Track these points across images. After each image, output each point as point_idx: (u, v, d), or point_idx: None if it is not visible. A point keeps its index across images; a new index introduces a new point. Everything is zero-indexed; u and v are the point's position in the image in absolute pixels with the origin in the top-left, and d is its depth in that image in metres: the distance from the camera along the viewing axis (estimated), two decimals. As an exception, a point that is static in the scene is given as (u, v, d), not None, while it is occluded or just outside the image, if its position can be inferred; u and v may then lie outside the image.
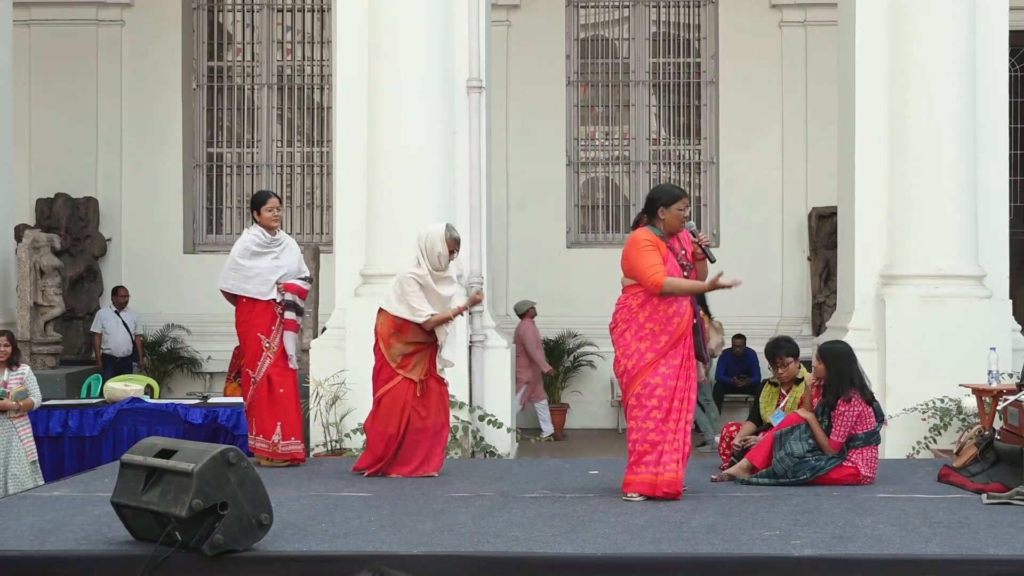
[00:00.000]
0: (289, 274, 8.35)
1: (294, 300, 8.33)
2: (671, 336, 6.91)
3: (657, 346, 6.91)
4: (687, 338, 6.97)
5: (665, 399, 6.89)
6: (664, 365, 6.91)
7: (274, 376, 8.27)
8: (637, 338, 6.93)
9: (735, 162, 15.00)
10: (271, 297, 8.27)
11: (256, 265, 8.27)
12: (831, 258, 13.45)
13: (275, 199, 8.46)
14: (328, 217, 14.38)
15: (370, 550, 5.46)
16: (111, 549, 5.53)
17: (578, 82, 15.39)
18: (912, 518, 6.22)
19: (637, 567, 5.34)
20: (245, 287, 8.28)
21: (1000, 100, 10.34)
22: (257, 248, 8.31)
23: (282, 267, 8.32)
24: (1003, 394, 8.24)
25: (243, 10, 15.55)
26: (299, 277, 8.43)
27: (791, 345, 8.15)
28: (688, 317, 6.97)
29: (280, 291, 8.28)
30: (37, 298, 11.75)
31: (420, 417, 7.91)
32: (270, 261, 8.29)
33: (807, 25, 14.76)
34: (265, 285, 8.26)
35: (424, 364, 7.94)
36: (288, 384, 8.35)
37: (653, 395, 6.91)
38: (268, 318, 8.29)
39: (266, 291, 8.27)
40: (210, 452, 5.36)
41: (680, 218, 7.00)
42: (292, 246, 8.51)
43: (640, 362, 6.91)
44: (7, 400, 8.67)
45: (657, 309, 6.92)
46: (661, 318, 6.92)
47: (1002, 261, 10.33)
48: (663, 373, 6.90)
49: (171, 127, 15.09)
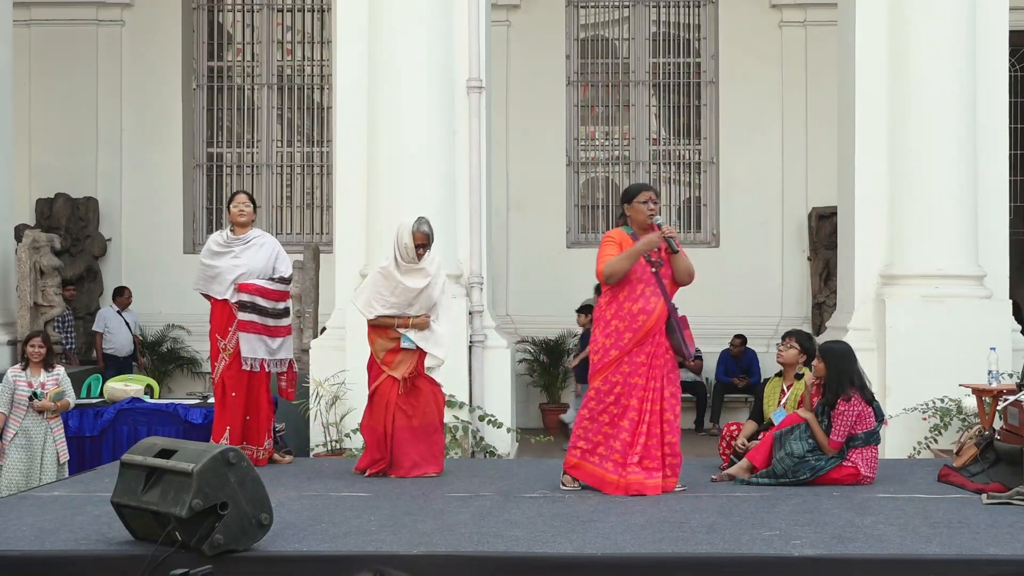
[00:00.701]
0: (250, 273, 8.13)
1: (251, 300, 8.07)
2: (635, 334, 6.97)
3: (621, 343, 6.98)
4: (655, 336, 7.00)
5: (623, 396, 6.99)
6: (627, 363, 6.99)
7: (228, 380, 8.10)
8: (604, 335, 7.05)
9: (735, 162, 15.00)
10: (225, 297, 8.10)
11: (217, 265, 8.15)
12: (831, 258, 13.45)
13: (243, 196, 8.31)
14: (328, 217, 14.38)
15: (370, 550, 5.46)
16: (111, 549, 5.53)
17: (578, 82, 15.39)
18: (912, 518, 6.23)
19: (637, 567, 5.34)
20: (209, 287, 8.20)
21: (1000, 100, 10.33)
22: (217, 247, 8.19)
23: (240, 267, 8.11)
24: (1003, 394, 8.25)
25: (243, 10, 15.54)
26: (271, 277, 8.20)
27: (802, 335, 8.23)
28: (657, 315, 6.98)
29: (237, 291, 8.09)
30: (37, 298, 11.74)
31: (406, 415, 7.88)
32: (229, 260, 8.14)
33: (807, 25, 14.75)
34: (222, 284, 8.11)
35: (409, 363, 7.90)
36: (241, 388, 8.11)
37: (612, 392, 7.02)
38: (224, 319, 8.12)
39: (222, 291, 8.12)
40: (210, 452, 5.36)
41: (643, 211, 7.05)
42: (262, 246, 8.27)
43: (604, 358, 7.02)
44: (46, 401, 8.69)
45: (622, 306, 7.00)
46: (626, 315, 6.98)
47: (1002, 261, 10.33)
48: (625, 371, 6.99)
49: (171, 127, 15.09)
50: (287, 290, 8.35)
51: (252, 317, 8.10)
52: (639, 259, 6.97)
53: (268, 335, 8.17)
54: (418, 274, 7.89)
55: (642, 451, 6.99)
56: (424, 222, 7.90)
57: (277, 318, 8.23)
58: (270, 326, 8.19)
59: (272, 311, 8.19)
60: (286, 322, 8.33)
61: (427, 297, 7.90)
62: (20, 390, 8.69)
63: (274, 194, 15.48)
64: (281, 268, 8.29)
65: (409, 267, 7.87)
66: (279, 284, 8.26)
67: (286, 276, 8.34)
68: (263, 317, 8.14)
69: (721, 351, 14.15)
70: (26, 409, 8.69)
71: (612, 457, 7.02)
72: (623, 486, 6.96)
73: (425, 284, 7.87)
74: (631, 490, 6.93)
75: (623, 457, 6.99)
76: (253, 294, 8.10)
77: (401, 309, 7.89)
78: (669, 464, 7.07)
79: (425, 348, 7.88)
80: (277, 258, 8.29)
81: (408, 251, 7.85)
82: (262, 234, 8.38)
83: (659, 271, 7.03)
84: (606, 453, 7.05)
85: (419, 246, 7.85)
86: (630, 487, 6.94)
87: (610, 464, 7.02)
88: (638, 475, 6.96)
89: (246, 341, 8.10)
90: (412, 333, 7.88)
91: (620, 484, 6.97)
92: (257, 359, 8.13)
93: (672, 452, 7.09)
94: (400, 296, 7.86)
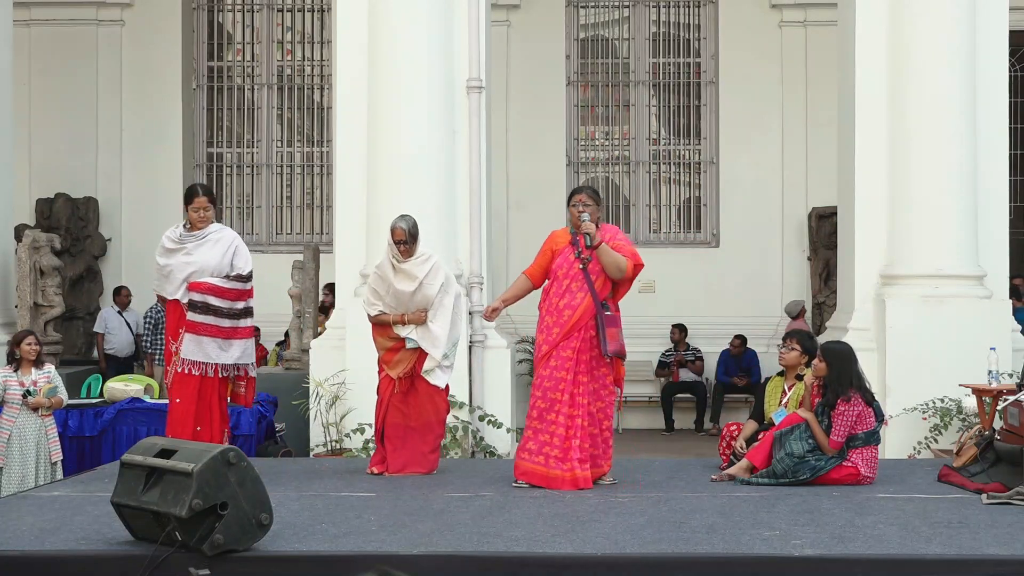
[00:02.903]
0: (202, 271, 7.61)
1: (203, 300, 7.56)
2: (561, 328, 7.16)
3: (551, 338, 7.19)
4: (581, 331, 7.14)
5: (550, 390, 7.16)
6: (555, 357, 7.17)
7: (175, 383, 7.61)
8: (538, 330, 7.31)
9: (735, 162, 15.00)
10: (176, 296, 7.65)
11: (169, 263, 7.69)
12: (831, 258, 13.45)
13: (203, 198, 7.72)
14: (328, 217, 14.38)
15: (370, 550, 5.46)
16: (111, 549, 5.53)
17: (578, 82, 15.39)
18: (912, 518, 6.22)
19: (637, 567, 5.34)
20: (163, 286, 7.76)
21: (1000, 100, 10.33)
22: (170, 244, 7.72)
23: (192, 264, 7.60)
24: (1003, 394, 8.25)
25: (243, 10, 15.55)
26: (228, 275, 7.68)
27: (803, 335, 8.24)
28: (582, 310, 7.15)
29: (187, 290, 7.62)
30: (37, 298, 11.74)
31: (402, 414, 7.88)
32: (180, 258, 7.65)
33: (807, 25, 14.76)
34: (173, 284, 7.65)
35: (407, 363, 7.89)
36: (189, 395, 7.55)
37: (541, 386, 7.21)
38: (176, 320, 7.66)
39: (173, 290, 7.66)
40: (210, 452, 5.36)
41: (574, 213, 7.31)
42: (220, 241, 7.73)
43: (538, 353, 7.29)
44: (40, 397, 8.67)
45: (551, 301, 7.25)
46: (554, 310, 7.21)
47: (1002, 261, 10.33)
48: (552, 365, 7.18)
49: (171, 127, 15.09)
50: (247, 288, 7.80)
51: (204, 318, 7.56)
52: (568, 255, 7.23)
53: (223, 337, 7.64)
54: (406, 277, 7.82)
55: (580, 443, 7.12)
56: (403, 219, 7.81)
57: (235, 319, 7.69)
58: (225, 328, 7.64)
59: (228, 311, 7.66)
60: (246, 324, 7.78)
61: (423, 297, 7.86)
62: (12, 390, 8.66)
63: (274, 194, 15.49)
64: (239, 264, 7.75)
65: (400, 268, 7.85)
66: (236, 282, 7.72)
67: (244, 273, 7.78)
68: (218, 318, 7.60)
69: (721, 351, 14.16)
70: (19, 408, 8.68)
71: (552, 453, 7.15)
72: (570, 480, 7.08)
73: (414, 287, 7.80)
74: (580, 484, 7.07)
75: (563, 452, 7.12)
76: (204, 293, 7.58)
77: (398, 308, 7.89)
78: (592, 455, 7.19)
79: (424, 348, 7.87)
80: (235, 254, 7.75)
81: (392, 249, 7.85)
82: (221, 228, 7.88)
83: (587, 267, 7.22)
84: (546, 450, 7.17)
85: (398, 242, 7.77)
86: (578, 481, 7.08)
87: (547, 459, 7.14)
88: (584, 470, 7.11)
89: (193, 343, 7.57)
90: (411, 331, 7.86)
91: (566, 479, 7.09)
92: (207, 363, 7.57)
93: (594, 444, 7.20)
94: (393, 297, 7.86)
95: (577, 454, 7.10)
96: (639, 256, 7.30)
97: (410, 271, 7.84)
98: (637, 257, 7.27)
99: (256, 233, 15.38)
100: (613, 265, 7.21)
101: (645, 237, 15.21)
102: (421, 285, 7.83)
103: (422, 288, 7.84)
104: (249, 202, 15.51)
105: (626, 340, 7.37)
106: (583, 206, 7.29)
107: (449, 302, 7.97)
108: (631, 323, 13.50)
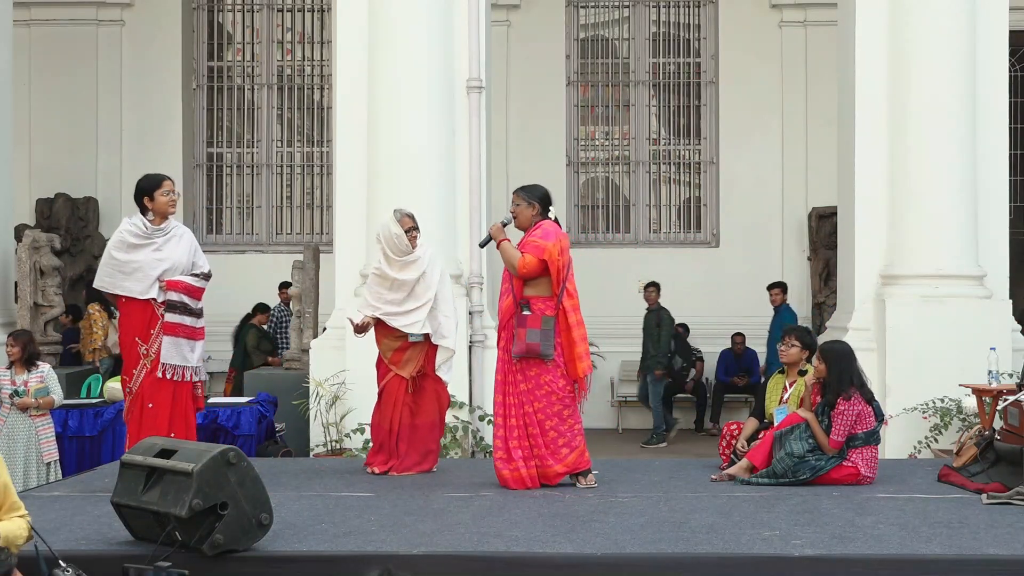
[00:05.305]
0: (174, 269, 7.22)
1: (180, 300, 7.20)
2: (499, 327, 7.35)
3: (500, 341, 7.33)
4: (507, 331, 7.23)
5: (497, 392, 7.29)
6: (498, 359, 7.32)
7: (146, 388, 7.16)
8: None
9: (735, 162, 15.00)
10: (150, 296, 7.16)
11: (134, 259, 7.16)
12: (831, 258, 13.45)
13: (170, 181, 7.37)
14: (328, 217, 14.38)
15: (370, 550, 5.45)
16: (111, 549, 5.53)
17: (578, 82, 15.39)
18: (912, 518, 6.22)
19: (637, 567, 5.34)
20: (124, 284, 7.17)
21: (1000, 100, 10.33)
22: (135, 239, 7.20)
23: (164, 260, 7.18)
24: (1003, 394, 8.25)
25: (243, 10, 15.55)
26: (192, 273, 7.32)
27: (801, 331, 8.24)
28: (505, 309, 7.25)
29: (163, 289, 7.17)
30: (37, 298, 11.74)
31: (412, 414, 7.92)
32: (150, 254, 7.18)
33: (807, 25, 14.76)
34: (144, 282, 7.15)
35: (417, 361, 7.92)
36: (164, 400, 7.16)
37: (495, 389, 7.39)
38: (146, 320, 7.16)
39: (144, 289, 7.15)
40: (210, 452, 5.36)
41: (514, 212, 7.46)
42: (183, 237, 7.34)
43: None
44: (27, 398, 8.66)
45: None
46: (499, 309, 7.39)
47: (1002, 261, 10.33)
48: (497, 367, 7.33)
49: (171, 127, 15.10)
50: (205, 287, 7.47)
51: (181, 319, 7.21)
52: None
53: (194, 339, 7.31)
54: (411, 266, 7.91)
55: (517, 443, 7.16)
56: (400, 209, 7.96)
57: (197, 318, 7.36)
58: (194, 328, 7.32)
59: (196, 311, 7.34)
60: (202, 323, 7.46)
61: (425, 286, 7.91)
62: (5, 389, 8.68)
63: (274, 194, 15.49)
64: (200, 263, 7.43)
65: (401, 261, 7.89)
66: (204, 281, 7.41)
67: (207, 272, 7.47)
68: (192, 318, 7.29)
69: (721, 351, 14.16)
70: (9, 408, 8.68)
71: (498, 455, 7.24)
72: (517, 479, 7.14)
73: (419, 274, 7.90)
74: (528, 483, 7.12)
75: (506, 453, 7.20)
76: (182, 293, 7.22)
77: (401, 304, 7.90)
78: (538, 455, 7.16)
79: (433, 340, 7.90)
80: (196, 252, 7.42)
81: (400, 239, 7.86)
82: (178, 224, 7.47)
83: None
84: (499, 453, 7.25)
85: (408, 230, 7.85)
86: (524, 480, 7.13)
87: (500, 460, 7.22)
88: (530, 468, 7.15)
89: (173, 346, 7.19)
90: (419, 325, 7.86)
91: (514, 478, 7.14)
92: (185, 367, 7.23)
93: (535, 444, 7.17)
94: (398, 291, 7.87)
95: (520, 453, 7.16)
96: (542, 252, 7.08)
97: (410, 260, 7.90)
98: (540, 252, 7.08)
99: (256, 233, 15.40)
100: (508, 264, 7.30)
101: (645, 237, 15.22)
102: (425, 273, 7.91)
103: (425, 276, 7.92)
104: (249, 202, 15.51)
105: (625, 340, 7.37)
106: (513, 205, 7.41)
107: (448, 292, 8.08)
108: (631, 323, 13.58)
